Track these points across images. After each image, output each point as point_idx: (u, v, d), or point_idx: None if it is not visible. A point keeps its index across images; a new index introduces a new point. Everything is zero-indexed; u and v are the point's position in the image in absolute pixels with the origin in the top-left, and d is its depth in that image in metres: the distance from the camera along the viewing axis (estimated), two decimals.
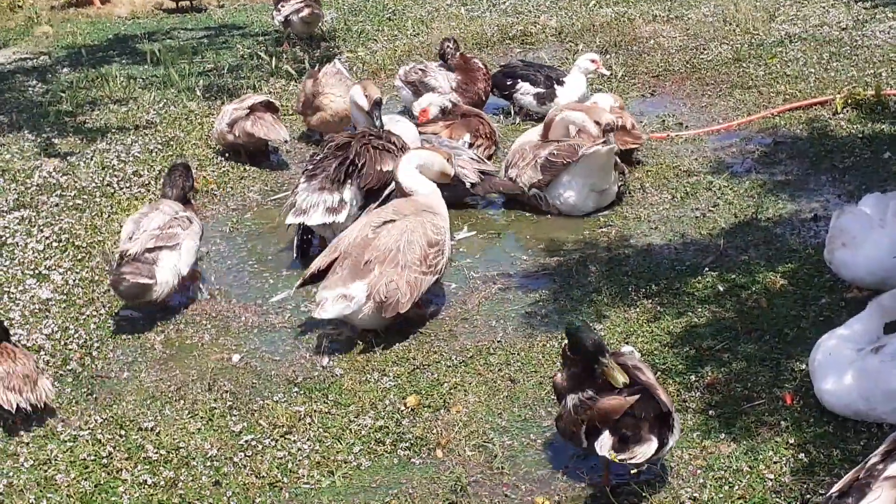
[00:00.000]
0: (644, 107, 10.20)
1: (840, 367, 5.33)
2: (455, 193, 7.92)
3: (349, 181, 7.43)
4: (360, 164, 7.42)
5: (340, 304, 6.32)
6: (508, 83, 10.02)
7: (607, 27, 12.56)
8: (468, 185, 8.18)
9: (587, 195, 7.89)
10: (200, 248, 7.25)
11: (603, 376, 4.93)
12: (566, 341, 5.16)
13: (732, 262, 7.03)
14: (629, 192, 8.23)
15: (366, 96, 8.02)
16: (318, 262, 6.61)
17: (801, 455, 5.16)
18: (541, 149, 8.01)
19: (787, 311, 6.40)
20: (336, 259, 6.52)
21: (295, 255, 7.56)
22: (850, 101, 9.41)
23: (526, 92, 9.91)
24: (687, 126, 9.60)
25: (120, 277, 6.68)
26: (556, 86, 9.76)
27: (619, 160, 7.97)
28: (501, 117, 10.08)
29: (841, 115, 9.30)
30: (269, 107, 9.35)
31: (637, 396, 4.82)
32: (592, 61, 9.82)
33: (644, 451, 4.83)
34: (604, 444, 4.84)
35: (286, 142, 9.29)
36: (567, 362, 5.16)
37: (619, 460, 4.84)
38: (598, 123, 7.98)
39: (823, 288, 6.61)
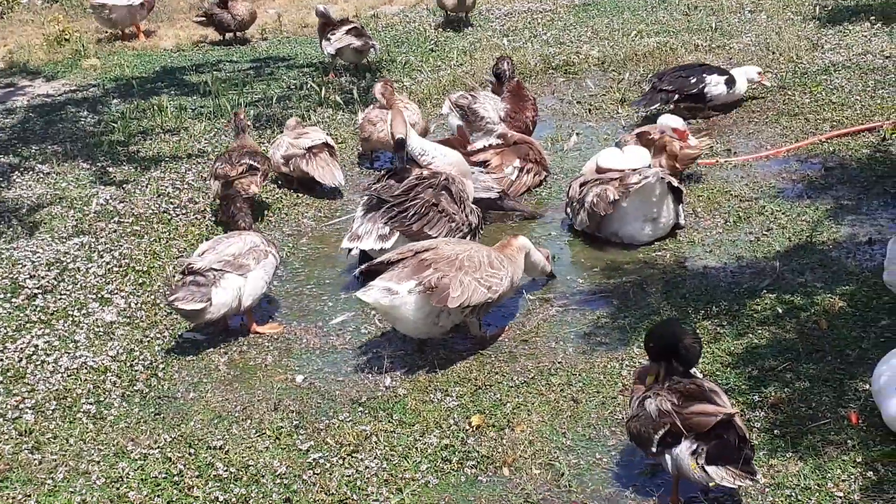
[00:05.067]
0: (691, 133, 10.24)
1: None
2: (482, 204, 8.32)
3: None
4: (410, 223, 7.51)
5: (381, 294, 6.40)
6: (693, 80, 10.48)
7: (650, 56, 12.63)
8: (494, 196, 8.50)
9: (642, 226, 7.93)
10: (272, 283, 7.33)
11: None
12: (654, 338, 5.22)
13: (790, 285, 7.06)
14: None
15: (392, 134, 8.03)
16: (390, 256, 6.72)
17: (870, 473, 5.19)
18: (586, 188, 8.07)
19: (847, 332, 6.43)
20: (406, 258, 6.61)
21: (358, 277, 7.62)
22: None
23: (717, 83, 10.49)
24: (735, 152, 9.65)
25: (172, 301, 6.79)
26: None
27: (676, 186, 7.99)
28: (549, 144, 10.16)
29: (890, 141, 9.33)
30: (326, 146, 9.45)
31: (735, 411, 4.91)
32: (759, 73, 10.74)
33: (720, 474, 4.86)
34: (682, 454, 4.90)
35: (340, 185, 9.38)
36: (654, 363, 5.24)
37: (696, 477, 4.88)
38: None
39: (883, 310, 6.63)
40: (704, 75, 10.55)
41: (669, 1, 15.35)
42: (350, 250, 7.61)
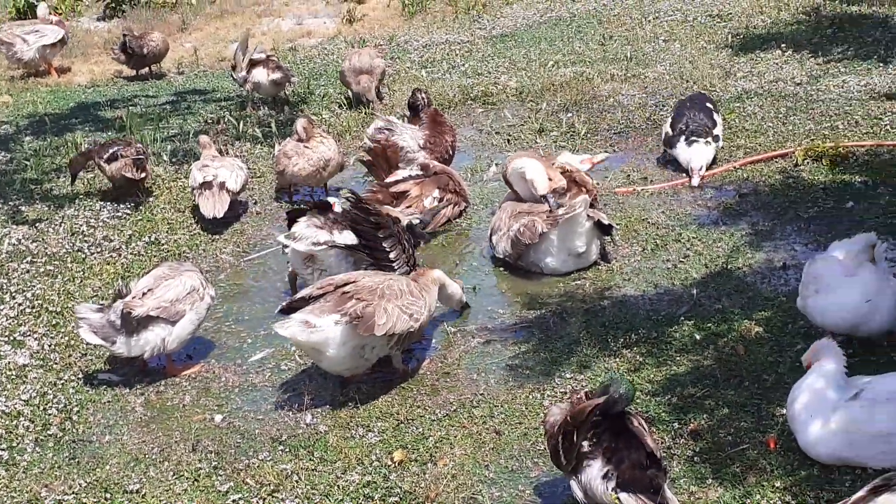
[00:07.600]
0: (608, 163, 10.33)
1: (820, 416, 5.41)
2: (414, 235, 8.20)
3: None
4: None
5: (299, 328, 6.33)
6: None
7: (566, 86, 12.71)
8: (417, 223, 8.37)
9: (565, 259, 7.96)
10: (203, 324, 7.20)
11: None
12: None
13: (707, 311, 7.14)
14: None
15: None
16: (311, 291, 6.63)
17: (788, 497, 5.25)
18: (514, 220, 8.09)
19: (764, 357, 6.51)
20: (327, 292, 6.55)
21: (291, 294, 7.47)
22: (809, 153, 9.61)
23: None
24: (651, 180, 9.75)
25: (79, 320, 6.79)
26: None
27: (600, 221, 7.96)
28: (469, 175, 10.18)
29: (802, 167, 9.49)
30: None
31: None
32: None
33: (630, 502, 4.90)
34: (594, 478, 4.93)
35: (214, 218, 9.18)
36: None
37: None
38: (549, 179, 8.17)
39: (798, 334, 6.73)
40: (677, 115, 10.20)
41: (585, 31, 15.50)
42: (284, 246, 7.52)
